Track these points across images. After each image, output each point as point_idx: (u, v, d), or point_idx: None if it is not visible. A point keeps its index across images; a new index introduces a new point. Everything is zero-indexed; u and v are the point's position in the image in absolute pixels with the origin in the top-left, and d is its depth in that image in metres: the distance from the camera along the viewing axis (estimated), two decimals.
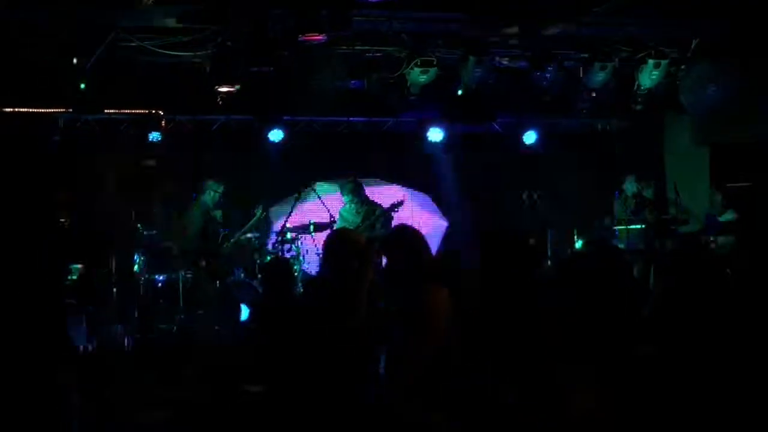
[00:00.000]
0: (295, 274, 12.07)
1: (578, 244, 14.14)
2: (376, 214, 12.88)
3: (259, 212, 13.04)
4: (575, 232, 14.54)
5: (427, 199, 16.38)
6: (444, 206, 16.45)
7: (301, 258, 13.16)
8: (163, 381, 9.63)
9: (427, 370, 5.88)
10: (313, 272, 12.94)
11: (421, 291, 6.05)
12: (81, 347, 10.59)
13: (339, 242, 6.79)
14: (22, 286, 9.32)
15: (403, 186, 15.86)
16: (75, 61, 11.57)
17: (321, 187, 13.96)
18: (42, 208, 12.20)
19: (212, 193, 12.77)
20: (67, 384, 7.80)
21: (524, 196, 14.66)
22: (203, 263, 12.59)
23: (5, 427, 7.02)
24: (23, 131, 12.60)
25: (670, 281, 6.43)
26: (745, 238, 12.33)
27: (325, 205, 13.28)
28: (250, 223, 13.09)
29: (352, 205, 13.07)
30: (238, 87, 12.08)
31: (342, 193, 13.27)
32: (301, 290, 11.48)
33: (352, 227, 12.32)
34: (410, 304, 6.07)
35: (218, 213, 12.99)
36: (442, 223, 16.41)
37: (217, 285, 12.49)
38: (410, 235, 6.50)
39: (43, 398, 7.45)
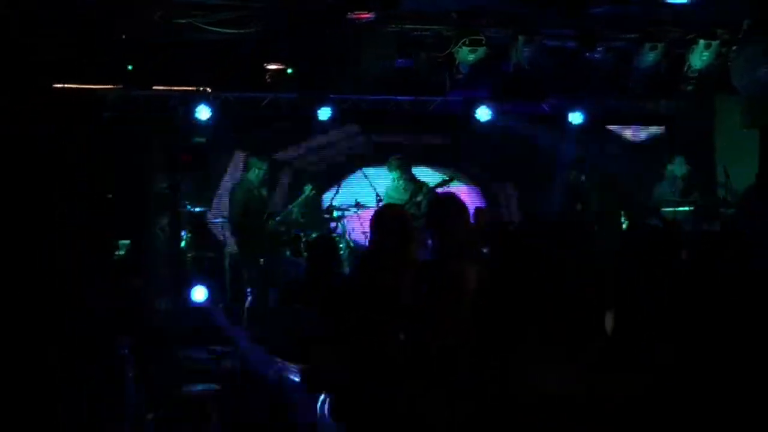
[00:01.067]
0: (341, 252, 12.09)
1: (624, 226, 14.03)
2: (423, 192, 12.77)
3: (307, 190, 13.03)
4: (622, 213, 14.46)
5: (476, 191, 16.31)
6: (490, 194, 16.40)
7: (346, 236, 13.17)
8: (210, 356, 9.71)
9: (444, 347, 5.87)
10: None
11: (448, 266, 6.03)
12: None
13: (384, 217, 6.78)
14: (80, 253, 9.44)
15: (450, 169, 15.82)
16: (124, 37, 11.63)
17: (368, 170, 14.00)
18: (91, 185, 12.29)
19: (256, 170, 12.76)
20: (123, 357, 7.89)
21: (571, 177, 14.61)
22: (245, 241, 12.66)
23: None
24: (73, 107, 12.67)
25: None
26: None
27: (372, 184, 13.27)
28: (298, 201, 13.12)
29: (400, 182, 12.85)
30: (285, 66, 12.11)
31: (389, 170, 13.05)
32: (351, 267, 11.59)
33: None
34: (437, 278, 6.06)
35: (264, 191, 13.01)
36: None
37: (261, 263, 12.54)
38: (445, 205, 6.47)
39: (101, 370, 7.55)
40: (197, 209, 14.09)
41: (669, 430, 5.37)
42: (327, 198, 14.20)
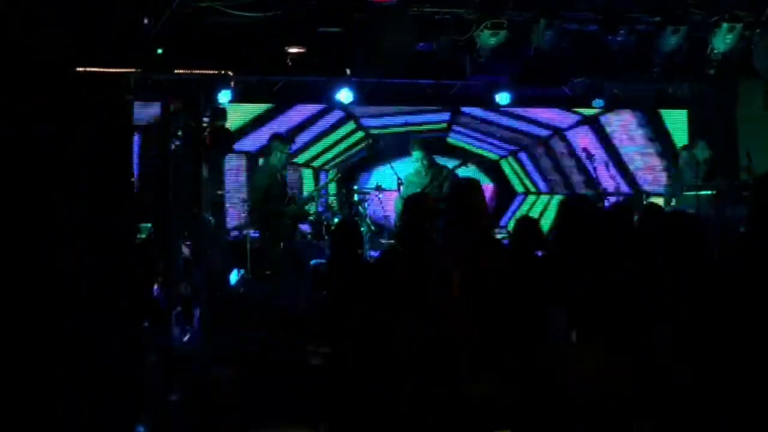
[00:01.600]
0: (363, 235, 12.09)
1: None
2: (443, 175, 12.67)
3: (332, 174, 13.03)
4: (643, 197, 14.47)
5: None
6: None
7: (367, 219, 13.16)
8: (233, 339, 9.73)
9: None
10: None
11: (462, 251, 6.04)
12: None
13: (413, 210, 6.77)
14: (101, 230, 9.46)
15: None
16: (146, 21, 11.64)
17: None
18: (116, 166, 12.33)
19: (279, 154, 12.74)
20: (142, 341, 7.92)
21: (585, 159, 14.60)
22: (266, 225, 12.68)
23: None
24: (95, 91, 12.68)
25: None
26: None
27: (392, 167, 13.21)
28: (322, 184, 13.14)
29: (423, 163, 12.68)
30: (305, 49, 12.11)
31: (411, 149, 12.82)
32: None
33: (419, 189, 12.21)
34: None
35: (286, 174, 13.01)
36: None
37: (282, 246, 12.55)
38: (464, 189, 6.46)
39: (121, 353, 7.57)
40: (218, 192, 14.16)
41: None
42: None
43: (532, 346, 6.04)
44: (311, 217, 13.50)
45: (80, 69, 12.36)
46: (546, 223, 13.98)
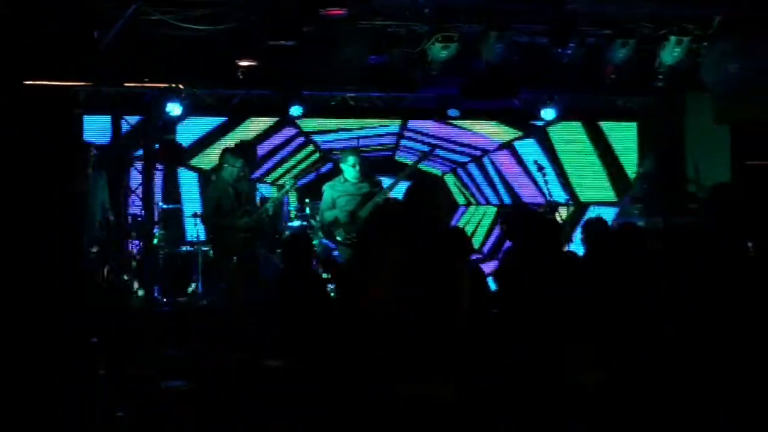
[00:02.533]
0: (315, 247, 12.04)
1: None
2: (378, 191, 12.49)
3: (288, 185, 12.93)
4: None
5: None
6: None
7: (320, 232, 13.14)
8: (184, 352, 9.68)
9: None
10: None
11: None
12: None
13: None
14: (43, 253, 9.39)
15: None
16: (96, 34, 11.59)
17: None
18: (63, 181, 12.27)
19: (230, 168, 12.68)
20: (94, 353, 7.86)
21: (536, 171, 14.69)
22: (218, 238, 12.64)
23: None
24: (44, 104, 12.61)
25: None
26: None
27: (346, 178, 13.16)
28: (275, 196, 13.06)
29: (357, 169, 12.20)
30: (257, 62, 12.10)
31: (346, 156, 12.49)
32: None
33: (351, 197, 12.10)
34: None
35: (244, 186, 12.95)
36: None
37: (234, 260, 12.50)
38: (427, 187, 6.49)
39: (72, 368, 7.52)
40: (170, 206, 14.11)
41: None
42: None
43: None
44: (268, 230, 13.47)
45: (29, 82, 12.33)
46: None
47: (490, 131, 16.27)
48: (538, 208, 13.80)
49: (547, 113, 15.41)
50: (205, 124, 15.01)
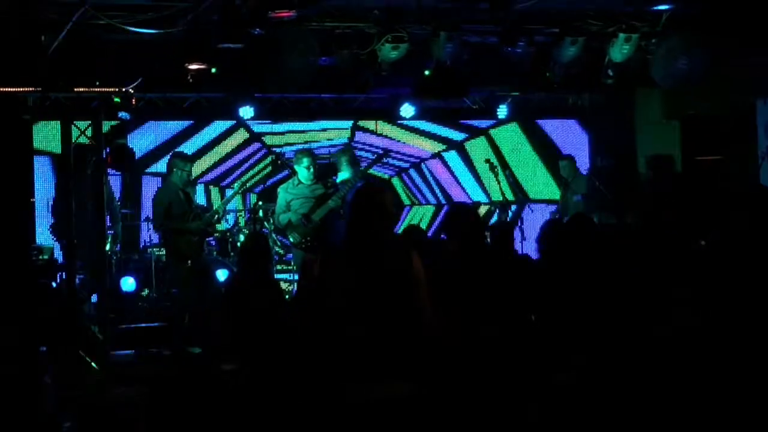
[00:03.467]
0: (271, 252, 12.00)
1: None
2: (332, 192, 12.49)
3: (237, 186, 12.91)
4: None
5: None
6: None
7: (273, 236, 13.13)
8: (137, 358, 9.63)
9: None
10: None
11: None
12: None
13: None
14: None
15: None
16: (43, 39, 11.49)
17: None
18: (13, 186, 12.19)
19: (179, 171, 12.61)
20: (41, 362, 7.80)
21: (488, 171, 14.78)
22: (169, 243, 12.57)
23: None
24: None
25: None
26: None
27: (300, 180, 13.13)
28: (226, 198, 13.05)
29: (311, 170, 12.29)
30: (206, 65, 12.05)
31: (299, 157, 12.49)
32: None
33: (306, 205, 12.07)
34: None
35: (192, 190, 12.91)
36: None
37: (188, 264, 12.44)
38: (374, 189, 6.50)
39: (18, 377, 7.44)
40: (124, 211, 14.07)
41: None
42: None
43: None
44: (217, 234, 13.43)
45: None
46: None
47: (423, 144, 16.74)
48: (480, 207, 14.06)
49: (499, 111, 15.50)
50: (166, 129, 15.04)
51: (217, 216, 13.06)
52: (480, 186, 16.51)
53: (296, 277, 12.08)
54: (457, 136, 16.78)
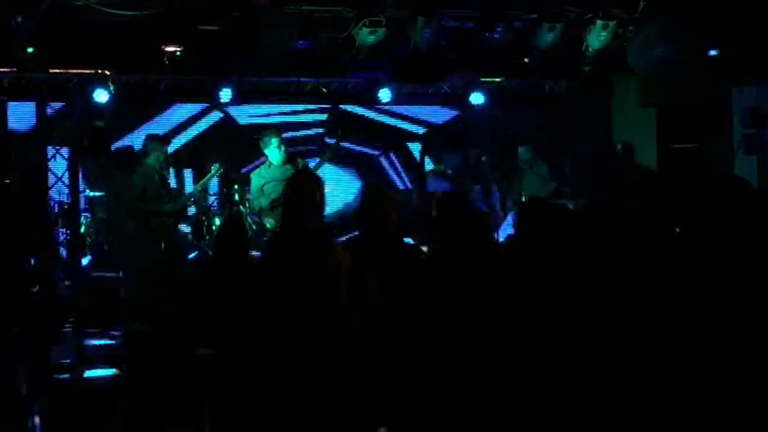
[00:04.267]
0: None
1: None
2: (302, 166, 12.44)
3: (214, 170, 12.85)
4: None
5: None
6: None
7: (248, 219, 13.08)
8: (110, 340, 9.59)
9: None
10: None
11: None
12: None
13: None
14: None
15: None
16: (18, 19, 11.42)
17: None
18: None
19: (156, 154, 12.56)
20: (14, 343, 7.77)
21: (471, 155, 14.79)
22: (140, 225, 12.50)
23: None
24: None
25: None
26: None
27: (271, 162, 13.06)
28: (202, 181, 13.00)
29: (282, 150, 12.23)
30: (184, 47, 12.01)
31: (268, 138, 12.34)
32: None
33: (279, 188, 11.97)
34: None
35: (169, 173, 12.90)
36: None
37: (162, 246, 12.39)
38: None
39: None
40: (97, 194, 13.99)
41: None
42: None
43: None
44: (191, 218, 13.41)
45: None
46: None
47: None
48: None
49: (476, 97, 15.49)
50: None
51: (193, 199, 13.03)
52: None
53: None
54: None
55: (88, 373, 8.15)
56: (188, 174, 15.15)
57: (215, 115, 15.61)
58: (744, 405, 5.45)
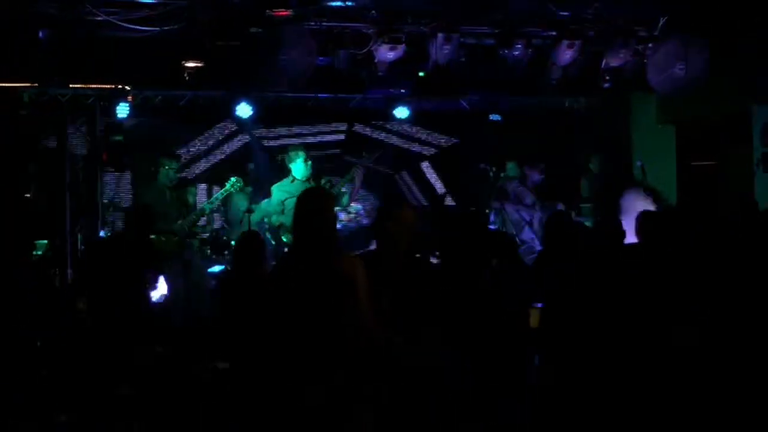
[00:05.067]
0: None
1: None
2: (337, 185, 12.46)
3: (229, 184, 12.79)
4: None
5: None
6: None
7: (267, 234, 13.06)
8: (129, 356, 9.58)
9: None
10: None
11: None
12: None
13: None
14: None
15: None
16: (40, 35, 11.49)
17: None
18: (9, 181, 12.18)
19: (165, 170, 12.54)
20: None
21: (488, 170, 14.76)
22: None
23: None
24: None
25: None
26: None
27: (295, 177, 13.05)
28: (216, 195, 12.92)
29: (308, 164, 12.41)
30: (204, 63, 12.04)
31: (294, 153, 12.56)
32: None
33: None
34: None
35: (186, 190, 12.89)
36: None
37: (170, 263, 12.30)
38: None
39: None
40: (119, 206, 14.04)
41: None
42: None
43: None
44: (205, 235, 13.37)
45: None
46: None
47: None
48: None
49: (494, 115, 15.51)
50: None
51: (203, 215, 12.94)
52: None
53: None
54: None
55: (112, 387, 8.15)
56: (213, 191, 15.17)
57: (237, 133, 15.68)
58: None
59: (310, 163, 12.23)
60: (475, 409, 6.62)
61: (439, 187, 16.75)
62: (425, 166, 16.91)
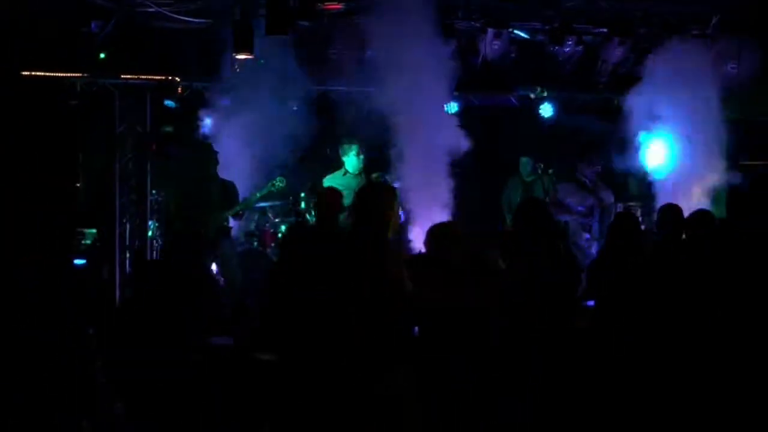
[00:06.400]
0: None
1: None
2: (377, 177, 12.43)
3: (277, 182, 12.65)
4: None
5: None
6: None
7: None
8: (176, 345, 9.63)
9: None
10: None
11: None
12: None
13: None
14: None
15: None
16: (93, 26, 11.59)
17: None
18: (61, 170, 12.28)
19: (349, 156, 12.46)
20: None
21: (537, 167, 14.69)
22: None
23: None
24: (40, 95, 12.61)
25: None
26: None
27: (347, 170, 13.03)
28: (261, 192, 12.82)
29: (360, 158, 12.33)
30: (255, 55, 12.08)
31: (347, 145, 12.41)
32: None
33: (351, 197, 11.88)
34: None
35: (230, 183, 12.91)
36: None
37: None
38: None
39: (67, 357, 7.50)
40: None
41: None
42: None
43: None
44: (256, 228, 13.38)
45: (25, 73, 12.33)
46: None
47: None
48: None
49: (545, 110, 15.40)
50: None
51: (239, 212, 12.73)
52: None
53: None
54: None
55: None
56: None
57: None
58: None
59: (362, 156, 12.19)
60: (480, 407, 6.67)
61: None
62: None
